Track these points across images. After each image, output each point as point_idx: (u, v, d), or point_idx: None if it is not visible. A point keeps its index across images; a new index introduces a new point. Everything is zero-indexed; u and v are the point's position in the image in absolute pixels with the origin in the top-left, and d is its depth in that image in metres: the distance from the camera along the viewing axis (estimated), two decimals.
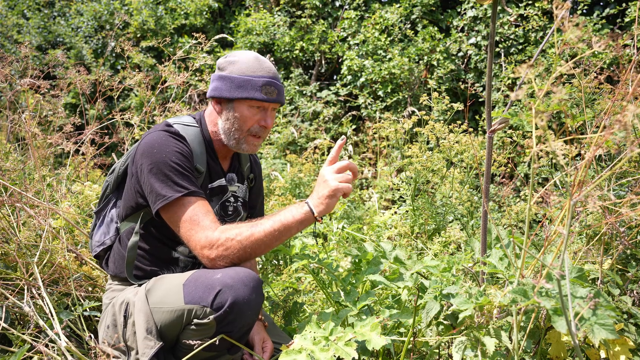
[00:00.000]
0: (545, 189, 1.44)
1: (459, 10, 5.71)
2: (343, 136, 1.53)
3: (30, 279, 1.82)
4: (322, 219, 1.48)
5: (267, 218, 1.47)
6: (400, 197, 3.40)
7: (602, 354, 1.47)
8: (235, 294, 1.37)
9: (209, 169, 1.68)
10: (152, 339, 1.44)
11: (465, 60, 5.47)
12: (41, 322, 1.64)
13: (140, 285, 1.62)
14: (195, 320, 1.40)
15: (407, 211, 2.54)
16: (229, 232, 1.44)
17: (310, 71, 6.53)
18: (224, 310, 1.36)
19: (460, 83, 5.23)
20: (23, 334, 1.63)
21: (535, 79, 0.85)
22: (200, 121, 1.71)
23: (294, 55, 6.26)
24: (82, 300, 1.97)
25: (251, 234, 1.44)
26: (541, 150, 0.83)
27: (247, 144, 1.66)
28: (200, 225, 1.46)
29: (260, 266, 2.57)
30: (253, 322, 1.44)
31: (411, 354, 1.45)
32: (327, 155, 5.10)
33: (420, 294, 1.44)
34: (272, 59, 6.54)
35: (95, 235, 1.76)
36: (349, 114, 5.68)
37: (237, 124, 1.63)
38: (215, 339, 1.38)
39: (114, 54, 6.90)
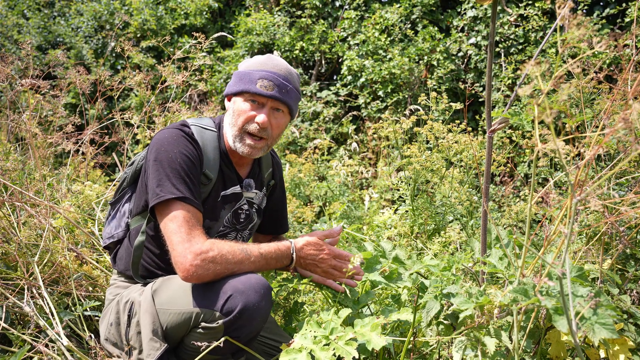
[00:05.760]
0: (546, 189, 1.44)
1: (459, 10, 5.71)
2: (341, 225, 1.60)
3: (31, 278, 1.82)
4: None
5: (256, 247, 1.47)
6: (400, 197, 3.40)
7: (602, 354, 1.47)
8: (246, 299, 1.36)
9: (222, 176, 1.63)
10: (157, 341, 1.43)
11: (465, 60, 5.47)
12: (41, 322, 1.64)
13: (145, 284, 1.61)
14: (203, 324, 1.39)
15: (406, 211, 2.54)
16: (221, 247, 1.41)
17: (310, 71, 6.52)
18: (233, 315, 1.36)
19: (460, 83, 5.23)
20: (23, 334, 1.63)
21: (538, 77, 0.85)
22: (220, 125, 1.67)
23: (294, 55, 6.26)
24: (82, 300, 1.97)
25: (241, 261, 1.43)
26: (544, 148, 0.83)
27: (243, 143, 1.57)
28: (189, 234, 1.40)
29: None
30: (261, 328, 1.43)
31: (411, 354, 1.45)
32: (327, 155, 5.10)
33: (420, 293, 1.44)
34: None
35: (107, 227, 1.75)
36: (349, 114, 5.68)
37: (234, 118, 1.58)
38: (220, 341, 1.37)
39: (114, 54, 6.90)
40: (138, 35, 6.89)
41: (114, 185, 2.99)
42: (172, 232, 1.41)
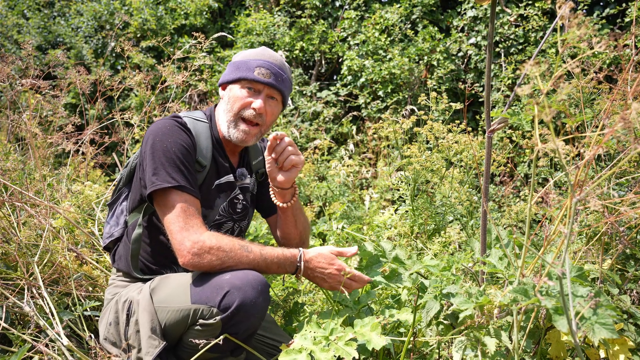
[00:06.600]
0: (546, 189, 1.44)
1: (459, 10, 5.71)
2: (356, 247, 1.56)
3: (31, 278, 1.82)
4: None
5: (259, 247, 1.47)
6: (400, 197, 3.40)
7: (602, 354, 1.47)
8: (243, 296, 1.36)
9: (216, 165, 1.66)
10: (156, 339, 1.44)
11: (465, 60, 5.47)
12: (41, 322, 1.64)
13: (144, 282, 1.62)
14: (201, 321, 1.40)
15: (406, 211, 2.54)
16: (220, 240, 1.43)
17: (310, 71, 6.52)
18: (230, 311, 1.36)
19: (460, 83, 5.23)
20: (23, 333, 1.63)
21: (537, 77, 0.85)
22: (211, 117, 1.71)
23: (294, 55, 6.26)
24: (82, 300, 1.97)
25: (239, 258, 1.43)
26: (544, 148, 0.83)
27: (237, 129, 1.61)
28: (187, 223, 1.44)
29: None
30: (259, 324, 1.44)
31: (411, 354, 1.45)
32: (327, 155, 5.10)
33: (420, 293, 1.44)
34: None
35: (106, 227, 1.77)
36: (349, 114, 5.68)
37: (229, 104, 1.62)
38: (219, 338, 1.38)
39: (114, 54, 6.90)
40: (138, 35, 6.88)
41: (113, 186, 2.99)
42: (170, 221, 1.45)
